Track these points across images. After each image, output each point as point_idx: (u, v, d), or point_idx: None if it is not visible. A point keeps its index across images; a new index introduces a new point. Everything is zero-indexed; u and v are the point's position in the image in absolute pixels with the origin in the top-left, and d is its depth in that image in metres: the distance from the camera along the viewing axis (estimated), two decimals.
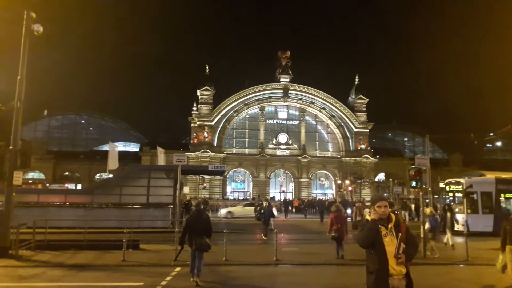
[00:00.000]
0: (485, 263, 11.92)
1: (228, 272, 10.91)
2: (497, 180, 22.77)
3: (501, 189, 22.50)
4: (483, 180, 23.39)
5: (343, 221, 13.18)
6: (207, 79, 67.67)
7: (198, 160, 63.64)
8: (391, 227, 4.44)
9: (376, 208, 4.48)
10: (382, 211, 4.46)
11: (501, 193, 22.44)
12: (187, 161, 19.50)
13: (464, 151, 76.14)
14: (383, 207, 4.46)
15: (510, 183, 23.22)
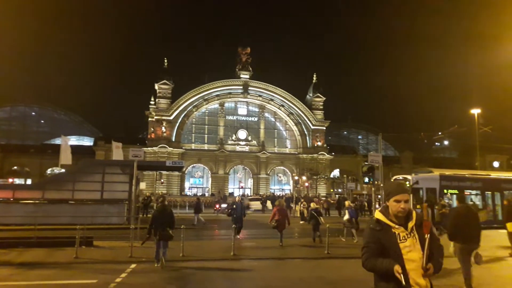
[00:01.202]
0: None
1: (185, 268, 10.88)
2: (441, 177, 23.92)
3: (444, 185, 23.64)
4: (429, 177, 24.49)
5: (284, 214, 15.48)
6: (165, 73, 66.41)
7: (155, 155, 62.47)
8: (413, 227, 3.27)
9: (393, 202, 3.28)
10: (402, 207, 3.25)
11: (444, 189, 23.55)
12: (144, 156, 19.16)
13: (415, 149, 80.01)
14: (403, 202, 3.26)
15: (453, 180, 24.56)
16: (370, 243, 3.29)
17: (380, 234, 3.27)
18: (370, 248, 3.28)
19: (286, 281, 9.53)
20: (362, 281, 9.36)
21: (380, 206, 15.78)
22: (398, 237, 3.24)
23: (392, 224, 3.28)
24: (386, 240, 3.24)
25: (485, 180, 25.87)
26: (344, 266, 11.67)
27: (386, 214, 3.34)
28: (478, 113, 37.00)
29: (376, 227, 3.32)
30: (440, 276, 9.92)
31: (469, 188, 24.63)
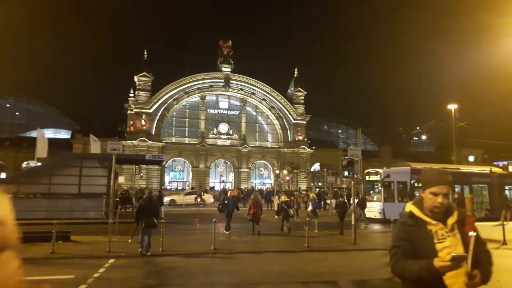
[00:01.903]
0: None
1: (164, 263, 10.82)
2: (412, 170, 24.22)
3: (415, 179, 23.78)
4: (400, 170, 24.90)
5: (259, 207, 16.81)
6: (145, 65, 65.38)
7: (134, 148, 61.64)
8: (453, 224, 2.68)
9: (428, 194, 2.68)
10: (439, 202, 2.64)
11: (415, 182, 23.74)
12: (123, 149, 18.80)
13: (393, 143, 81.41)
14: (441, 196, 2.65)
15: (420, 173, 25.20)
16: (401, 242, 2.64)
17: (413, 231, 2.65)
18: (401, 247, 2.62)
19: (266, 274, 9.58)
20: (341, 273, 9.54)
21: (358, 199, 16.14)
22: (434, 236, 2.62)
23: (428, 219, 2.66)
24: (419, 238, 2.61)
25: (455, 174, 26.23)
26: (324, 258, 11.82)
27: (421, 207, 2.73)
28: (454, 109, 37.88)
29: (408, 222, 2.70)
30: None
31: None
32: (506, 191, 26.68)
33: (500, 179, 27.01)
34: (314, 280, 8.79)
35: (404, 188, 23.23)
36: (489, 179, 26.82)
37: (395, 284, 8.33)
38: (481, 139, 54.93)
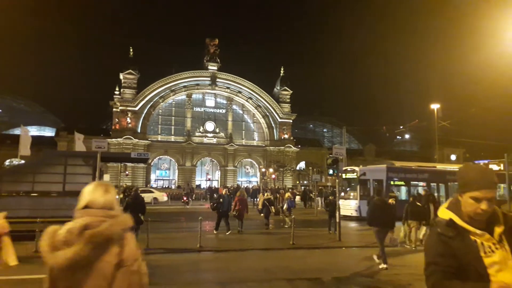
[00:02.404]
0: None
1: (150, 261, 10.76)
2: (388, 169, 24.51)
3: (391, 177, 24.25)
4: (376, 168, 25.14)
5: (244, 204, 17.04)
6: (131, 62, 64.77)
7: (120, 146, 61.12)
8: (501, 234, 2.17)
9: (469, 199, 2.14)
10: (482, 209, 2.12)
11: (391, 180, 24.18)
12: (108, 147, 18.69)
13: (377, 142, 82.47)
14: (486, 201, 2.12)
15: (399, 171, 25.35)
16: (440, 257, 2.12)
17: (454, 244, 2.12)
18: (440, 265, 2.11)
19: (252, 271, 9.68)
20: (326, 270, 9.71)
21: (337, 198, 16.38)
22: (480, 249, 2.11)
23: (471, 228, 2.14)
24: (463, 252, 2.10)
25: (431, 172, 26.72)
26: (309, 256, 11.98)
27: (459, 213, 2.19)
28: (437, 108, 38.66)
29: (447, 232, 2.16)
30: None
31: (415, 180, 25.42)
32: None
33: None
34: (299, 277, 8.93)
35: (380, 186, 23.31)
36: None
37: (378, 280, 8.56)
38: (462, 138, 56.09)
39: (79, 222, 2.14)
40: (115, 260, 2.10)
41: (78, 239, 2.06)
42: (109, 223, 2.15)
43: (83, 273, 2.05)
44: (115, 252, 2.12)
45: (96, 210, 2.21)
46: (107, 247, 2.10)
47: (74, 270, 2.04)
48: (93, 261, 2.06)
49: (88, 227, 2.10)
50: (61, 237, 2.09)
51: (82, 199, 2.28)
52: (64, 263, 2.02)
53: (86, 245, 2.05)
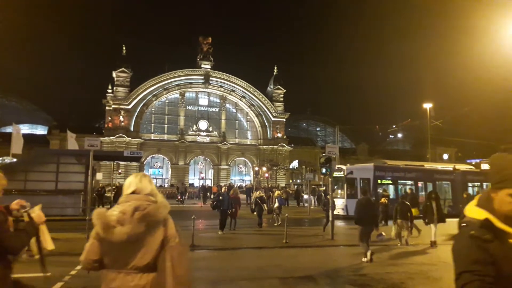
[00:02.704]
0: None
1: None
2: (375, 168, 24.51)
3: (378, 176, 24.24)
4: (363, 167, 25.09)
5: (238, 202, 17.27)
6: (124, 60, 64.42)
7: (113, 145, 60.81)
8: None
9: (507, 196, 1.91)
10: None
11: (378, 179, 24.17)
12: (101, 146, 18.61)
13: (370, 141, 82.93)
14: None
15: (386, 170, 25.42)
16: (477, 265, 1.83)
17: (491, 249, 1.84)
18: (477, 273, 1.82)
19: (244, 270, 9.70)
20: (318, 268, 9.75)
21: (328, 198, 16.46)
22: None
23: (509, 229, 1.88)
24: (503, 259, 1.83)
25: (418, 171, 26.77)
26: (301, 254, 12.03)
27: (493, 213, 1.93)
28: (430, 107, 38.92)
29: (483, 235, 1.87)
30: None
31: (403, 179, 25.50)
32: (469, 187, 27.17)
33: (462, 176, 27.47)
34: (291, 276, 8.96)
35: (367, 185, 23.32)
36: (452, 176, 27.22)
37: (371, 278, 8.63)
38: (455, 138, 56.55)
39: (129, 205, 2.59)
40: (160, 237, 2.57)
41: (130, 219, 2.52)
42: (154, 206, 2.63)
43: (133, 246, 2.52)
44: (160, 230, 2.59)
45: (142, 195, 2.68)
46: (155, 226, 2.58)
47: (126, 244, 2.50)
48: (143, 237, 2.53)
49: (137, 209, 2.56)
50: (115, 217, 2.54)
51: (130, 186, 2.74)
52: (121, 238, 2.48)
53: (139, 224, 2.51)
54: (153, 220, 2.58)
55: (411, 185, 25.01)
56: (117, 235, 2.50)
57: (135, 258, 2.52)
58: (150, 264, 2.53)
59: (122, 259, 2.53)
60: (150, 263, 2.53)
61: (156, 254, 2.55)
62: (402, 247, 13.35)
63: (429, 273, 9.38)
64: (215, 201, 16.77)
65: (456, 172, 27.58)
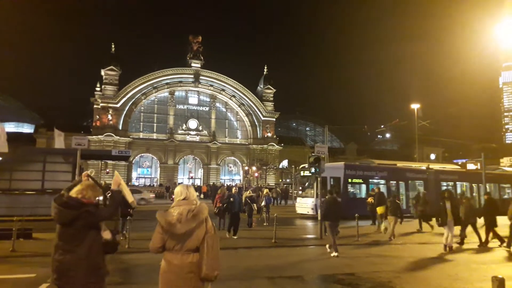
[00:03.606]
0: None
1: (130, 260, 10.70)
2: (345, 166, 24.20)
3: (349, 175, 23.79)
4: (334, 166, 24.68)
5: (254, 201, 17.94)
6: (113, 58, 63.91)
7: (101, 144, 60.28)
8: None
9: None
10: None
11: (348, 178, 23.83)
12: (88, 144, 18.40)
13: (359, 141, 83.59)
14: None
15: (357, 169, 25.16)
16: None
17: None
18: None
19: (233, 270, 9.66)
20: (307, 268, 9.78)
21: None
22: None
23: None
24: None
25: (390, 170, 26.38)
26: (290, 254, 12.04)
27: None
28: (417, 108, 39.38)
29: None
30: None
31: (374, 178, 25.08)
32: (443, 187, 26.83)
33: (436, 176, 27.17)
34: (280, 276, 8.97)
35: (338, 183, 23.01)
36: (425, 175, 26.87)
37: (358, 278, 8.67)
38: (442, 138, 57.26)
39: (184, 208, 3.89)
40: (204, 230, 3.88)
41: (186, 219, 3.80)
42: (199, 208, 3.93)
43: (188, 236, 3.80)
44: (204, 225, 3.89)
45: (189, 201, 4.00)
46: (201, 222, 3.87)
47: (184, 235, 3.78)
48: (194, 230, 3.82)
49: (189, 211, 3.86)
50: (175, 217, 3.81)
51: (181, 194, 4.04)
52: (181, 231, 3.76)
53: (192, 222, 3.80)
54: (200, 218, 3.88)
55: (383, 184, 24.63)
56: (178, 229, 3.77)
57: (189, 244, 3.82)
58: (197, 247, 3.85)
59: (180, 244, 3.81)
60: (197, 246, 3.86)
61: (201, 241, 3.86)
62: (391, 245, 13.46)
63: (416, 272, 9.47)
64: (225, 203, 14.95)
65: (430, 171, 27.35)
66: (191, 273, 3.82)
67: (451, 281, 8.56)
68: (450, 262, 10.96)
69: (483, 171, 22.57)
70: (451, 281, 8.56)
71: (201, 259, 3.84)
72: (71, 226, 3.98)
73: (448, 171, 29.77)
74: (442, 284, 8.37)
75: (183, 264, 3.79)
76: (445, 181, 28.04)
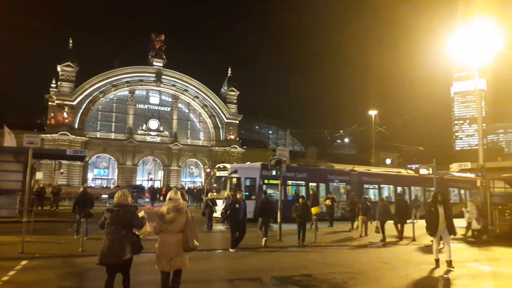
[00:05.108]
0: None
1: (85, 264, 10.31)
2: (262, 167, 22.89)
3: (266, 176, 22.33)
4: (249, 166, 24.20)
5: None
6: (70, 54, 61.49)
7: (55, 143, 57.80)
8: None
9: None
10: None
11: (265, 179, 22.59)
12: (42, 143, 17.59)
13: (319, 145, 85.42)
14: None
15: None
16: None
17: None
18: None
19: (191, 273, 9.49)
20: (266, 270, 9.84)
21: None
22: None
23: None
24: None
25: (311, 171, 26.18)
26: (250, 256, 12.07)
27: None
28: (375, 114, 40.82)
29: None
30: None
31: (294, 179, 24.25)
32: (369, 189, 26.90)
33: (359, 178, 26.96)
34: (239, 278, 8.97)
35: (253, 185, 22.17)
36: (347, 177, 26.53)
37: (315, 279, 8.83)
38: (397, 143, 59.62)
39: (171, 204, 6.12)
40: (185, 218, 6.08)
41: (173, 211, 6.05)
42: (182, 204, 6.20)
43: (174, 223, 6.01)
44: (185, 215, 6.09)
45: (175, 200, 6.20)
46: (182, 213, 6.07)
47: (171, 221, 6.00)
48: (178, 218, 6.04)
49: (175, 206, 6.10)
50: (165, 210, 6.06)
51: (170, 196, 6.28)
52: (169, 219, 6.01)
53: (176, 213, 6.05)
54: (182, 210, 6.12)
55: (303, 186, 24.26)
56: (167, 218, 6.03)
57: (175, 227, 6.03)
58: (181, 229, 6.04)
59: (169, 228, 6.04)
60: (181, 229, 6.04)
61: (183, 225, 6.05)
62: (348, 246, 13.81)
63: (370, 273, 9.78)
64: (228, 209, 12.91)
65: (352, 173, 27.06)
66: (177, 246, 6.01)
67: (402, 281, 8.91)
68: (402, 262, 11.39)
69: (435, 176, 23.70)
70: (402, 281, 8.91)
71: (184, 237, 6.01)
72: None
73: (373, 174, 29.30)
74: (393, 284, 8.69)
75: (171, 240, 6.03)
76: (369, 183, 27.73)
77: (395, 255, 12.78)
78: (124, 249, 5.86)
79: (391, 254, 12.84)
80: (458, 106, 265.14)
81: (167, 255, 6.00)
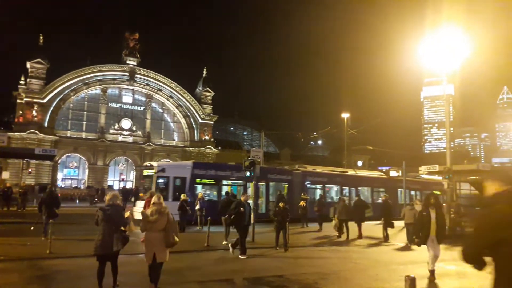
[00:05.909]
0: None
1: (52, 266, 10.07)
2: (194, 165, 22.51)
3: (197, 175, 21.91)
4: (179, 165, 23.70)
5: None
6: (40, 50, 59.51)
7: (23, 141, 55.82)
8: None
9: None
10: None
11: (197, 178, 21.92)
12: (9, 142, 17.03)
13: (293, 147, 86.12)
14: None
15: (208, 168, 23.39)
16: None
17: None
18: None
19: (163, 274, 9.46)
20: (238, 271, 9.87)
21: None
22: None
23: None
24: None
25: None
26: (222, 257, 12.08)
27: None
28: (347, 117, 41.60)
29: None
30: None
31: (229, 178, 23.49)
32: (314, 189, 26.78)
33: (302, 178, 26.47)
34: (211, 279, 8.97)
35: (183, 184, 21.30)
36: (289, 177, 25.91)
37: (287, 280, 8.93)
38: (369, 146, 60.92)
39: (155, 208, 7.33)
40: (166, 218, 7.26)
41: (156, 213, 7.26)
42: (163, 208, 7.36)
43: (157, 223, 7.19)
44: (166, 216, 7.27)
45: (158, 204, 7.41)
46: (164, 215, 7.27)
47: (155, 222, 7.19)
48: (160, 219, 7.21)
49: (158, 209, 7.31)
50: (150, 212, 7.28)
51: (154, 200, 7.54)
52: (153, 220, 7.20)
53: (159, 215, 7.24)
54: (164, 212, 7.24)
55: (241, 185, 23.48)
56: (151, 219, 7.17)
57: (157, 227, 7.14)
58: (163, 228, 7.13)
59: (153, 227, 7.17)
60: (163, 228, 7.13)
61: (165, 225, 7.14)
62: (317, 246, 14.01)
63: (341, 273, 9.98)
64: (233, 213, 12.02)
65: (296, 172, 26.63)
66: (159, 243, 7.09)
67: (371, 281, 9.14)
68: (373, 263, 11.67)
69: (404, 178, 24.43)
70: (371, 281, 9.14)
71: (166, 234, 7.10)
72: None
73: (318, 173, 28.54)
74: (363, 284, 8.90)
75: (155, 237, 7.13)
76: (313, 183, 27.20)
77: (365, 255, 13.08)
78: (114, 242, 7.09)
79: (362, 255, 13.13)
80: (428, 110, 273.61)
81: (152, 250, 7.11)
